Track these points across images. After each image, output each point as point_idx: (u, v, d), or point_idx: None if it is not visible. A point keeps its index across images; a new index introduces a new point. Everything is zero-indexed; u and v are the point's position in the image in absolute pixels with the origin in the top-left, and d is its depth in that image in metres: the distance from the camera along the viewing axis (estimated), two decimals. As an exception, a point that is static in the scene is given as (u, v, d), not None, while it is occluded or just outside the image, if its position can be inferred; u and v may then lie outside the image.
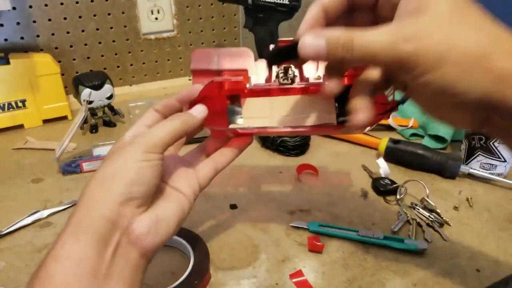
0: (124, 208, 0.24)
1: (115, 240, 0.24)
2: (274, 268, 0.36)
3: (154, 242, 0.26)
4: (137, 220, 0.25)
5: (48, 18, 0.68)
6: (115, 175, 0.25)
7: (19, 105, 0.63)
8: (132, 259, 0.25)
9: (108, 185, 0.25)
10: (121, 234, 0.24)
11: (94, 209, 0.24)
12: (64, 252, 0.23)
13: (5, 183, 0.50)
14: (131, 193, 0.25)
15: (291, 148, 0.55)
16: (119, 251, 0.24)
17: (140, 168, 0.25)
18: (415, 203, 0.45)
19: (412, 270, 0.36)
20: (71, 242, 0.23)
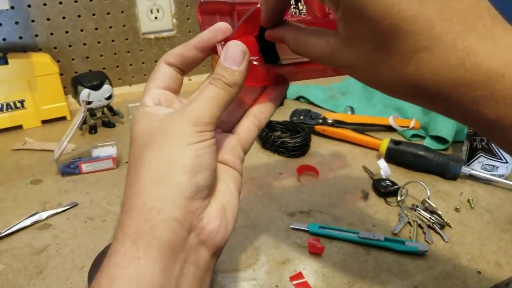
0: (192, 203, 0.20)
1: (185, 246, 0.20)
2: (274, 270, 0.36)
3: (226, 235, 0.22)
4: (206, 214, 0.21)
5: (47, 18, 0.67)
6: (173, 164, 0.20)
7: (18, 105, 0.62)
8: (202, 263, 0.21)
9: (167, 178, 0.20)
10: (190, 235, 0.20)
11: (156, 211, 0.19)
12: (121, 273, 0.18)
13: (3, 184, 0.50)
14: (196, 182, 0.20)
15: (292, 149, 0.55)
16: (190, 258, 0.20)
17: (198, 150, 0.20)
18: (416, 205, 0.45)
19: (413, 272, 0.36)
20: (130, 260, 0.18)
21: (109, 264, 0.19)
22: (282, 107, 0.71)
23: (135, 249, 0.19)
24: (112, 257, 0.19)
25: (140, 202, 0.20)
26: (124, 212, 0.20)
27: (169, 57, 0.24)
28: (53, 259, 0.38)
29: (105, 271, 0.19)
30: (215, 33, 0.24)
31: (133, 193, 0.20)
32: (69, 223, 0.42)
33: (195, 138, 0.21)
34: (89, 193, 0.48)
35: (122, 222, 0.20)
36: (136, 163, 0.21)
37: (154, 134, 0.21)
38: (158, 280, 0.18)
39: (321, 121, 0.61)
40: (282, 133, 0.59)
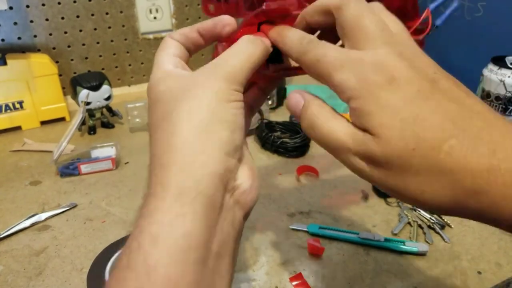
0: (230, 161, 0.19)
1: (226, 203, 0.19)
2: (274, 271, 0.36)
3: (256, 196, 0.21)
4: (240, 174, 0.20)
5: (46, 18, 0.67)
6: (214, 118, 0.19)
7: (17, 106, 0.62)
8: (237, 223, 0.20)
9: (208, 132, 0.19)
10: (227, 194, 0.20)
11: (201, 165, 0.18)
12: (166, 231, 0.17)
13: (2, 185, 0.49)
14: (234, 140, 0.20)
15: (291, 150, 0.55)
16: (227, 217, 0.19)
17: (234, 108, 0.20)
18: (416, 205, 0.45)
19: (413, 273, 0.36)
20: (175, 216, 0.17)
21: (151, 223, 0.17)
22: (281, 107, 0.71)
23: (180, 205, 0.17)
24: (151, 215, 0.18)
25: (180, 156, 0.18)
26: (161, 167, 0.19)
27: (174, 34, 0.24)
28: (52, 260, 0.37)
29: (145, 230, 0.17)
30: (216, 24, 0.24)
31: (171, 147, 0.19)
32: (68, 224, 0.42)
33: (232, 96, 0.20)
34: (88, 194, 0.47)
35: (162, 177, 0.18)
36: (168, 117, 0.19)
37: (188, 89, 0.20)
38: (204, 237, 0.18)
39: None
40: (282, 133, 0.59)
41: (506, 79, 0.51)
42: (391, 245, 0.38)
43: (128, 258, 0.17)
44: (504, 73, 0.51)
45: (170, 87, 0.21)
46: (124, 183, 0.50)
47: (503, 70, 0.51)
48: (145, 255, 0.17)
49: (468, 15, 0.66)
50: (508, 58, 0.53)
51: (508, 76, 0.51)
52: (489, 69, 0.53)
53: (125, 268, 0.17)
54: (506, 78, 0.51)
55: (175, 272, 0.17)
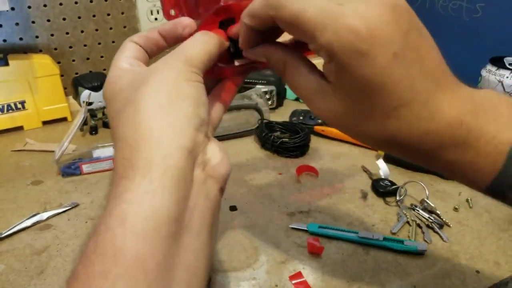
0: (198, 135, 0.20)
1: (197, 176, 0.19)
2: (274, 270, 0.36)
3: (228, 169, 0.22)
4: (209, 149, 0.21)
5: (47, 19, 0.68)
6: (177, 96, 0.19)
7: (18, 106, 0.63)
8: (213, 196, 0.20)
9: (173, 108, 0.19)
10: (198, 168, 0.20)
11: (168, 139, 0.18)
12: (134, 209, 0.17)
13: (4, 185, 0.50)
14: (200, 115, 0.20)
15: (291, 150, 0.55)
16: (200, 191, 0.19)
17: (195, 87, 0.21)
18: (415, 205, 0.45)
19: (412, 272, 0.36)
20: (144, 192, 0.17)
21: (118, 203, 0.17)
22: (281, 108, 0.71)
23: (148, 181, 0.17)
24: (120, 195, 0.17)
25: (148, 133, 0.18)
26: (130, 147, 0.18)
27: (133, 37, 0.25)
28: (54, 259, 0.38)
29: (113, 212, 0.17)
30: (176, 25, 0.25)
31: (137, 127, 0.19)
32: (70, 224, 0.43)
33: (193, 76, 0.21)
34: (90, 193, 0.48)
35: (129, 158, 0.18)
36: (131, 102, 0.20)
37: (148, 75, 0.20)
38: (174, 212, 0.17)
39: (321, 121, 0.61)
40: (282, 133, 0.59)
41: (505, 79, 0.51)
42: (390, 244, 0.38)
43: (95, 242, 0.17)
44: (502, 73, 0.52)
45: (127, 81, 0.21)
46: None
47: (502, 70, 0.52)
48: (112, 236, 0.16)
49: (466, 16, 0.66)
50: (507, 58, 0.53)
51: (506, 77, 0.51)
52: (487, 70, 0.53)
53: (92, 253, 0.16)
54: (504, 78, 0.51)
55: (143, 251, 0.16)
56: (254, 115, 0.61)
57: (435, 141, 0.20)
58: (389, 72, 0.19)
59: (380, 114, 0.20)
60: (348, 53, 0.19)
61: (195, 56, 0.22)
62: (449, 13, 0.69)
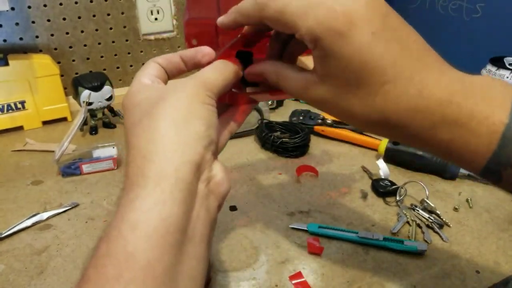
0: (207, 153, 0.21)
1: (200, 191, 0.21)
2: (274, 270, 0.36)
3: (228, 188, 0.23)
4: (214, 166, 0.22)
5: (47, 19, 0.68)
6: (190, 115, 0.21)
7: (19, 106, 0.63)
8: (212, 211, 0.22)
9: (186, 126, 0.21)
10: (203, 183, 0.21)
11: (180, 154, 0.20)
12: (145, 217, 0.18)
13: (4, 185, 0.50)
14: (210, 135, 0.22)
15: (291, 150, 0.55)
16: (203, 204, 0.21)
17: (210, 110, 0.22)
18: (415, 204, 0.45)
19: (412, 272, 0.36)
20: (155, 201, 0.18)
21: (130, 210, 0.18)
22: (281, 108, 0.71)
23: (159, 191, 0.19)
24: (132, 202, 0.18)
25: (161, 146, 0.20)
26: (143, 157, 0.20)
27: (157, 58, 0.27)
28: (54, 259, 0.38)
29: (125, 218, 0.18)
30: (197, 53, 0.27)
31: (152, 139, 0.20)
32: (70, 224, 0.43)
33: (207, 99, 0.22)
34: (90, 193, 0.48)
35: (142, 167, 0.19)
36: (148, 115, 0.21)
37: (167, 92, 0.22)
38: (182, 222, 0.19)
39: (320, 121, 0.61)
40: (282, 133, 0.59)
41: (505, 79, 0.51)
42: (390, 244, 0.38)
43: (108, 246, 0.18)
44: (502, 73, 0.52)
45: (148, 95, 0.23)
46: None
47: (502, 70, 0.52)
48: (124, 242, 0.17)
49: (466, 16, 0.66)
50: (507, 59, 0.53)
51: (506, 77, 0.51)
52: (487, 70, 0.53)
53: (104, 256, 0.17)
54: (504, 78, 0.51)
55: (153, 258, 0.17)
56: (254, 115, 0.61)
57: (426, 119, 0.21)
58: (368, 50, 0.20)
59: (367, 92, 0.21)
60: (328, 36, 0.20)
61: (212, 82, 0.23)
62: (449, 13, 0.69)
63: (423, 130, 0.21)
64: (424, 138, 0.22)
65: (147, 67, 0.26)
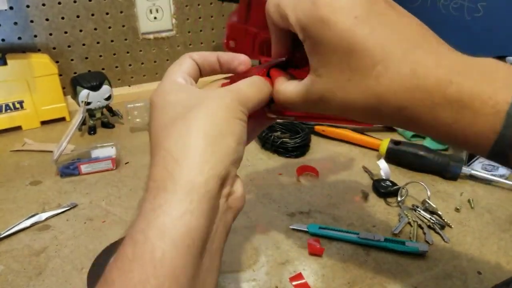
0: (233, 169, 0.21)
1: (221, 205, 0.21)
2: (274, 271, 0.36)
3: (243, 205, 0.23)
4: (236, 182, 0.23)
5: (46, 18, 0.67)
6: (225, 129, 0.21)
7: (17, 106, 0.62)
8: (229, 225, 0.22)
9: (220, 140, 0.21)
10: (224, 197, 0.21)
11: (209, 168, 0.20)
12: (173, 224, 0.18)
13: (3, 185, 0.49)
14: (239, 152, 0.22)
15: (291, 150, 0.55)
16: (222, 218, 0.21)
17: (241, 126, 0.22)
18: (416, 205, 0.45)
19: (413, 273, 0.36)
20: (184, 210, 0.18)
21: (158, 215, 0.18)
22: (281, 107, 0.71)
23: (189, 201, 0.19)
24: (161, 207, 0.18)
25: (193, 155, 0.20)
26: (175, 162, 0.20)
27: (193, 54, 0.27)
28: (52, 260, 0.37)
29: (152, 223, 0.18)
30: (234, 59, 0.27)
31: (186, 145, 0.20)
32: (68, 224, 0.42)
33: (239, 114, 0.22)
34: (89, 194, 0.48)
35: (172, 171, 0.19)
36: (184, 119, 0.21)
37: (202, 99, 0.22)
38: (204, 235, 0.19)
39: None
40: (282, 133, 0.59)
41: (506, 79, 0.51)
42: (391, 245, 0.38)
43: (134, 251, 0.17)
44: (504, 73, 0.51)
45: (182, 97, 0.23)
46: (124, 183, 0.50)
47: (503, 70, 0.51)
48: (152, 247, 0.17)
49: (468, 15, 0.66)
50: (508, 58, 0.53)
51: (508, 76, 0.51)
52: (489, 69, 0.53)
53: (130, 260, 0.17)
54: (506, 78, 0.51)
55: (179, 266, 0.17)
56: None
57: (425, 100, 0.20)
58: (352, 34, 0.21)
59: (360, 76, 0.21)
60: (313, 23, 0.22)
61: (249, 98, 0.24)
62: (450, 12, 0.69)
63: (424, 112, 0.21)
64: (427, 121, 0.21)
65: (182, 62, 0.26)
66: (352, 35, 0.21)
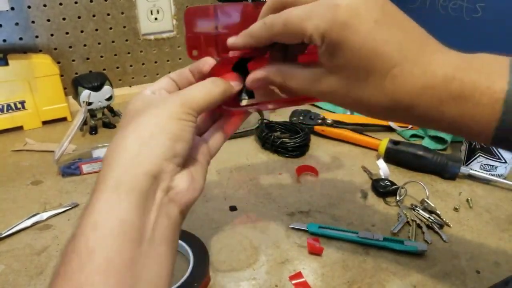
0: (168, 165, 0.23)
1: (158, 198, 0.23)
2: (274, 270, 0.36)
3: (193, 198, 0.25)
4: (178, 176, 0.24)
5: (47, 19, 0.68)
6: (157, 130, 0.23)
7: (18, 106, 0.63)
8: (173, 217, 0.24)
9: (151, 140, 0.23)
10: (162, 191, 0.23)
11: (137, 165, 0.22)
12: (104, 218, 0.20)
13: (4, 185, 0.50)
14: (175, 149, 0.24)
15: (291, 150, 0.55)
16: (162, 211, 0.23)
17: (182, 125, 0.24)
18: (415, 205, 0.45)
19: (412, 272, 0.36)
20: (112, 205, 0.21)
21: (91, 212, 0.21)
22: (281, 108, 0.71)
23: (117, 196, 0.21)
24: (92, 205, 0.21)
25: (123, 156, 0.22)
26: (108, 165, 0.23)
27: (171, 74, 0.30)
28: (53, 259, 0.38)
29: (87, 219, 0.21)
30: (198, 64, 0.30)
31: (119, 149, 0.23)
32: (69, 224, 0.43)
33: (182, 115, 0.24)
34: (90, 194, 0.48)
35: (104, 174, 0.22)
36: (126, 126, 0.24)
37: (148, 106, 0.25)
38: (138, 224, 0.21)
39: (321, 121, 0.61)
40: (282, 133, 0.59)
41: (505, 79, 0.51)
42: (390, 244, 0.38)
43: (73, 244, 0.20)
44: (503, 73, 0.51)
45: (138, 105, 0.26)
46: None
47: (502, 70, 0.51)
48: (86, 239, 0.20)
49: (467, 16, 0.66)
50: (507, 58, 0.53)
51: (506, 77, 0.51)
52: (488, 70, 0.53)
53: (70, 252, 0.20)
54: (504, 78, 0.51)
55: (112, 251, 0.20)
56: (254, 115, 0.61)
57: (434, 97, 0.22)
58: (374, 37, 0.22)
59: (377, 78, 0.23)
60: (334, 28, 0.22)
61: (195, 100, 0.25)
62: (449, 13, 0.69)
63: (432, 108, 0.23)
64: (435, 117, 0.23)
65: (159, 80, 0.29)
66: (373, 39, 0.22)
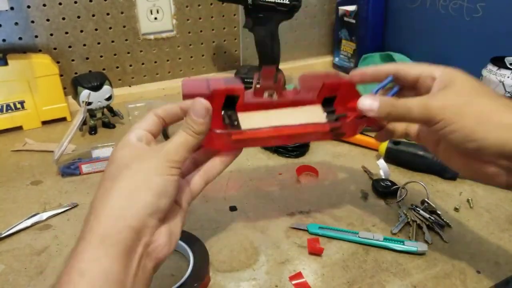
0: (150, 220, 0.25)
1: (138, 252, 0.25)
2: (274, 270, 0.36)
3: (167, 253, 0.27)
4: (157, 232, 0.26)
5: (47, 18, 0.67)
6: (143, 186, 0.25)
7: (18, 106, 0.62)
8: (148, 271, 0.26)
9: (136, 196, 0.25)
10: (142, 246, 0.25)
11: (122, 220, 0.24)
12: (91, 266, 0.23)
13: (4, 185, 0.50)
14: (158, 205, 0.25)
15: (291, 150, 0.55)
16: (141, 263, 0.25)
17: (166, 181, 0.26)
18: (415, 205, 0.45)
19: (412, 272, 0.36)
20: (99, 256, 0.23)
21: (78, 261, 0.23)
22: (281, 108, 0.71)
23: (102, 248, 0.23)
24: (80, 254, 0.23)
25: (110, 210, 0.24)
26: (95, 216, 0.24)
27: (157, 110, 0.31)
28: (53, 259, 0.38)
29: (74, 266, 0.23)
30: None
31: (106, 202, 0.25)
32: (69, 224, 0.43)
33: (166, 171, 0.26)
34: (90, 194, 0.48)
35: (92, 224, 0.24)
36: (112, 179, 0.26)
37: (133, 160, 0.26)
38: (119, 275, 0.23)
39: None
40: (282, 133, 0.59)
41: (505, 79, 0.51)
42: (391, 244, 0.38)
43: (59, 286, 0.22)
44: (503, 73, 0.51)
45: (124, 155, 0.27)
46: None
47: (502, 70, 0.51)
48: (74, 285, 0.22)
49: (467, 16, 0.66)
50: (508, 58, 0.53)
51: (507, 77, 0.51)
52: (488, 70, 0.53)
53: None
54: (505, 78, 0.51)
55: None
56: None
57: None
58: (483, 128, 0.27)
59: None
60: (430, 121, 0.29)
61: (174, 153, 0.27)
62: (449, 12, 0.69)
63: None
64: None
65: (145, 119, 0.30)
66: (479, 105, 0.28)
